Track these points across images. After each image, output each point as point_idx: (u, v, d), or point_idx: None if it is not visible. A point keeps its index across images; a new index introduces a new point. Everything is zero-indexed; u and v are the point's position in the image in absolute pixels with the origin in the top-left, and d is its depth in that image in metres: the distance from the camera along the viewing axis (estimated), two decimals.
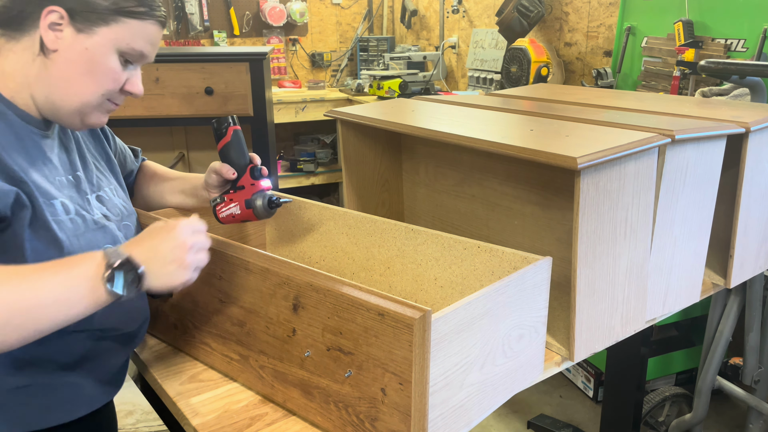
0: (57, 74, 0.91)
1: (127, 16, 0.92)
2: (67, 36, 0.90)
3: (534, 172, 1.27)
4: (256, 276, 0.95)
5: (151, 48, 0.97)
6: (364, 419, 0.85)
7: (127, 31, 0.92)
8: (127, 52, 0.94)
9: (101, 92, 0.93)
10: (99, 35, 0.91)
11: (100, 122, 0.98)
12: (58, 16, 0.89)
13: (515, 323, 0.94)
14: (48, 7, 0.88)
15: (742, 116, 1.26)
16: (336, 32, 4.71)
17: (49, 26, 0.89)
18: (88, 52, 0.91)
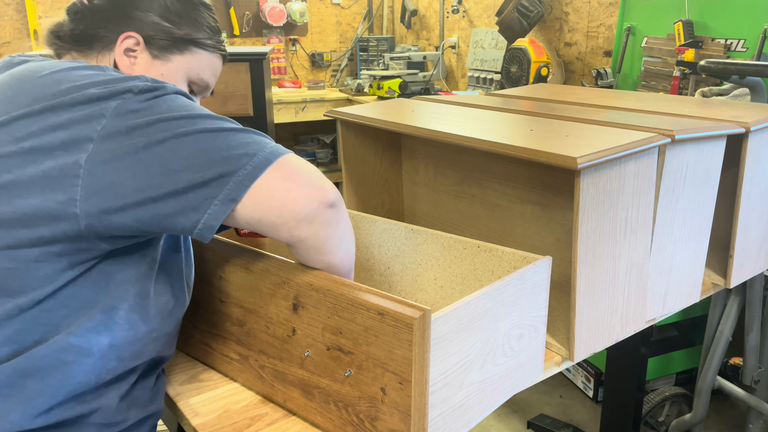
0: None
1: (199, 46, 0.95)
2: (142, 62, 0.91)
3: (534, 172, 1.27)
4: (256, 276, 0.95)
5: (213, 79, 1.00)
6: (364, 419, 0.85)
7: (199, 62, 0.96)
8: (196, 81, 0.97)
9: None
10: (174, 63, 0.93)
11: None
12: (134, 42, 0.90)
13: (515, 323, 0.94)
14: (125, 33, 0.90)
15: (742, 116, 1.26)
16: (336, 32, 4.71)
17: (125, 51, 0.90)
18: (164, 78, 0.92)
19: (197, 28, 0.96)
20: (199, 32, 0.96)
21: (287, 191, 0.77)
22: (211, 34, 0.97)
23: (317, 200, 0.78)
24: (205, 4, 0.98)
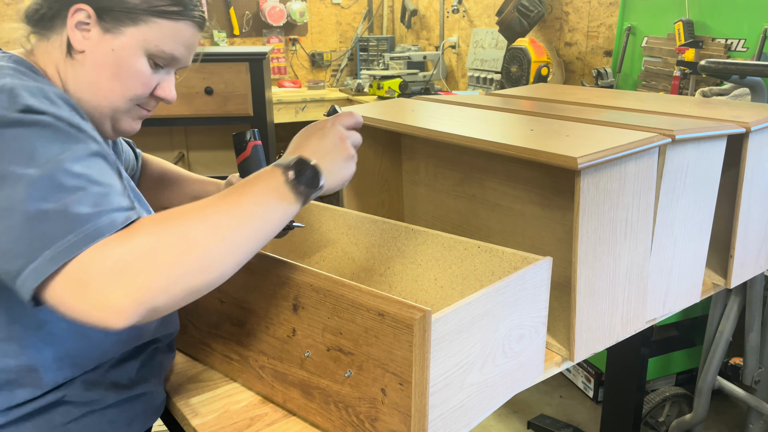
0: (85, 77, 0.86)
1: (158, 15, 0.86)
2: (94, 36, 0.85)
3: (534, 172, 1.27)
4: (256, 276, 0.95)
5: (186, 51, 0.91)
6: (364, 419, 0.85)
7: (157, 32, 0.87)
8: (156, 54, 0.88)
9: (129, 96, 0.88)
10: (126, 36, 0.85)
11: (132, 129, 0.93)
12: (86, 15, 0.84)
13: (515, 323, 0.94)
14: (75, 5, 0.84)
15: (742, 116, 1.26)
16: (336, 32, 4.71)
17: (76, 25, 0.84)
18: (115, 53, 0.85)
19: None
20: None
21: (72, 306, 0.66)
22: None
23: (111, 322, 0.67)
24: None
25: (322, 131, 0.86)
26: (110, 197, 0.71)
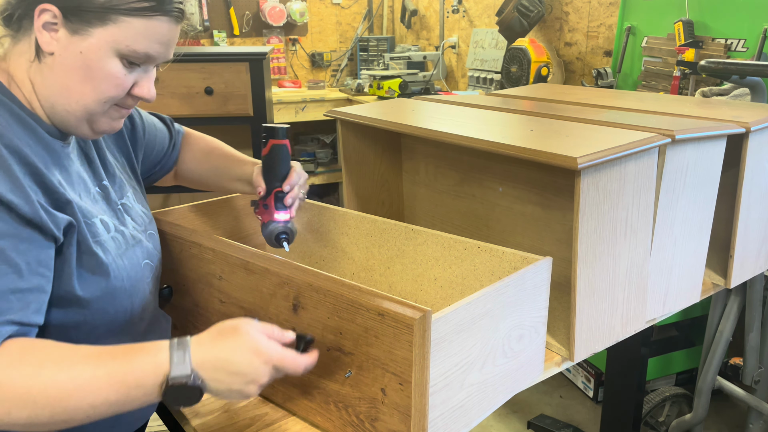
0: (55, 81, 0.82)
1: (128, 14, 0.80)
2: (62, 38, 0.80)
3: (534, 172, 1.27)
4: (256, 276, 0.95)
5: (161, 47, 0.85)
6: (364, 419, 0.85)
7: (128, 31, 0.81)
8: (128, 54, 0.82)
9: (103, 99, 0.84)
10: (94, 37, 0.80)
11: (112, 128, 0.89)
12: (52, 15, 0.79)
13: (515, 323, 0.94)
14: (40, 5, 0.79)
15: (742, 116, 1.26)
16: (336, 32, 4.71)
17: (43, 26, 0.79)
18: (83, 56, 0.80)
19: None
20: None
21: None
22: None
23: None
24: None
25: (253, 365, 0.74)
26: None
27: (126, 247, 0.91)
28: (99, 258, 0.85)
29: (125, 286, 0.89)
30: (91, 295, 0.84)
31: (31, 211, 0.75)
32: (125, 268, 0.89)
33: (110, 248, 0.88)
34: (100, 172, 0.96)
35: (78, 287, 0.82)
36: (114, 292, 0.87)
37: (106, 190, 0.95)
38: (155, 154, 1.15)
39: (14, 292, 0.72)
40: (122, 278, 0.88)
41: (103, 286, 0.85)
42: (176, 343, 0.74)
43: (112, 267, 0.86)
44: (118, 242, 0.90)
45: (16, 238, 0.73)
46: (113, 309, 0.88)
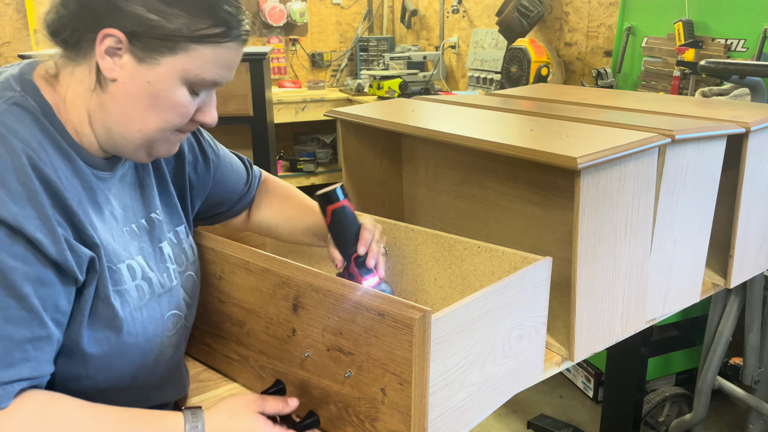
0: (116, 108, 0.77)
1: (199, 41, 0.75)
2: (127, 64, 0.75)
3: (534, 172, 1.27)
4: (256, 276, 0.95)
5: (228, 72, 0.81)
6: (364, 419, 0.85)
7: (197, 60, 0.76)
8: (196, 83, 0.78)
9: (167, 127, 0.80)
10: (163, 66, 0.75)
11: (169, 153, 0.85)
12: (116, 41, 0.74)
13: (515, 323, 0.94)
14: (104, 30, 0.73)
15: (742, 116, 1.26)
16: (336, 32, 4.71)
17: (106, 51, 0.74)
18: (150, 85, 0.76)
19: (197, 16, 0.74)
20: (199, 22, 0.74)
21: None
22: (220, 19, 0.76)
23: None
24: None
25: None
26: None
27: (149, 298, 0.86)
28: (114, 310, 0.79)
29: (138, 342, 0.84)
30: (97, 350, 0.79)
31: (57, 251, 0.71)
32: (142, 322, 0.84)
33: (130, 299, 0.82)
34: (155, 201, 0.92)
35: (85, 339, 0.78)
36: (124, 347, 0.82)
37: (152, 224, 0.90)
38: (225, 195, 1.08)
39: (31, 341, 0.70)
40: (136, 334, 0.83)
41: (113, 341, 0.80)
42: (191, 417, 0.77)
43: (127, 321, 0.81)
44: (141, 292, 0.85)
45: (39, 282, 0.70)
46: (120, 364, 0.83)
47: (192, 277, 0.97)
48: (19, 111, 0.74)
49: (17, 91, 0.75)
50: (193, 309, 0.98)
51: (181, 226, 0.96)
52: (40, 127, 0.75)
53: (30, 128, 0.74)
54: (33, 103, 0.76)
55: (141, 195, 0.90)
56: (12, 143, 0.70)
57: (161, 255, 0.91)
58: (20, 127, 0.72)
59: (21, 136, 0.72)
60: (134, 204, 0.88)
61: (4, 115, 0.72)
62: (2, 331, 0.67)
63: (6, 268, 0.67)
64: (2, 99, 0.74)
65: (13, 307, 0.68)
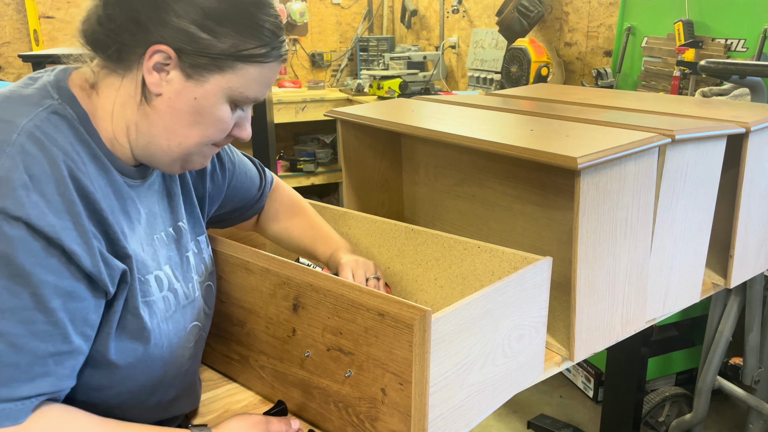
0: (159, 122, 0.78)
1: (246, 61, 0.77)
2: (175, 80, 0.76)
3: (534, 172, 1.27)
4: (256, 276, 0.95)
5: (267, 89, 0.84)
6: (364, 419, 0.85)
7: (243, 78, 0.78)
8: (239, 100, 0.80)
9: (206, 141, 0.81)
10: (211, 84, 0.77)
11: (201, 166, 0.86)
12: (165, 57, 0.74)
13: (515, 323, 0.94)
14: (154, 46, 0.74)
15: (742, 116, 1.26)
16: (336, 32, 4.71)
17: (154, 67, 0.75)
18: (197, 102, 0.77)
19: (244, 35, 0.76)
20: (247, 41, 0.77)
21: None
22: (265, 39, 0.78)
23: None
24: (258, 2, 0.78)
25: None
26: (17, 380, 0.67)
27: (175, 309, 0.86)
28: (142, 321, 0.79)
29: (163, 354, 0.84)
30: (124, 361, 0.79)
31: (92, 263, 0.71)
32: (167, 333, 0.84)
33: (157, 310, 0.82)
34: (180, 210, 0.92)
35: (113, 351, 0.77)
36: (149, 359, 0.82)
37: (179, 233, 0.91)
38: (238, 200, 1.09)
39: (54, 355, 0.69)
40: (162, 345, 0.83)
41: (140, 353, 0.80)
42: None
43: (154, 333, 0.81)
44: (167, 303, 0.85)
45: (69, 296, 0.70)
46: (144, 376, 0.83)
47: (211, 288, 0.97)
48: (58, 119, 0.74)
49: (55, 99, 0.75)
50: (210, 320, 0.98)
51: (202, 235, 0.97)
52: (77, 135, 0.75)
53: (68, 137, 0.73)
54: (71, 111, 0.75)
55: (169, 204, 0.90)
56: (53, 153, 0.70)
57: (188, 265, 0.91)
58: (60, 136, 0.72)
59: (61, 146, 0.72)
60: (162, 212, 0.88)
61: (45, 124, 0.72)
62: (27, 345, 0.67)
63: (38, 282, 0.67)
64: (42, 107, 0.73)
65: (40, 321, 0.68)
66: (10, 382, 0.66)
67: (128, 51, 0.76)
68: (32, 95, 0.75)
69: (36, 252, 0.67)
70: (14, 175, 0.66)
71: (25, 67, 3.88)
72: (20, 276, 0.66)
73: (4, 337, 0.66)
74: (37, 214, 0.66)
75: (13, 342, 0.66)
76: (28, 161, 0.68)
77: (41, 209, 0.67)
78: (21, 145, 0.68)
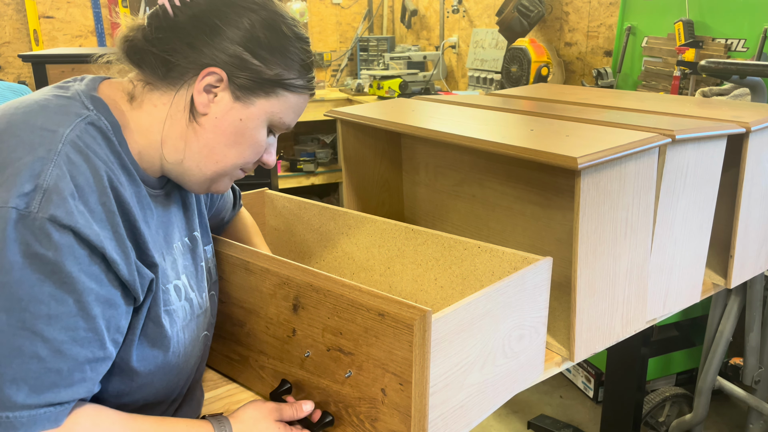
0: (201, 140, 0.81)
1: (287, 89, 0.83)
2: (222, 102, 0.80)
3: (534, 173, 1.27)
4: (256, 276, 0.95)
5: (297, 119, 0.89)
6: (364, 419, 0.85)
7: (284, 104, 0.83)
8: (276, 125, 0.85)
9: (241, 163, 0.84)
10: (256, 107, 0.81)
11: (225, 189, 0.89)
12: (217, 79, 0.78)
13: (515, 323, 0.94)
14: (208, 68, 0.78)
15: (742, 116, 1.26)
16: (336, 32, 4.71)
17: (205, 88, 0.79)
18: (241, 123, 0.81)
19: (289, 66, 0.82)
20: (290, 71, 0.82)
21: None
22: (303, 72, 0.84)
23: None
24: (301, 37, 0.84)
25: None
26: (58, 386, 0.69)
27: (190, 318, 0.88)
28: (164, 329, 0.82)
29: (179, 362, 0.86)
30: (145, 368, 0.81)
31: (128, 272, 0.73)
32: (184, 342, 0.86)
33: (177, 319, 0.85)
34: (195, 220, 0.94)
35: (135, 358, 0.79)
36: (167, 366, 0.84)
37: (194, 242, 0.93)
38: (211, 219, 1.12)
39: (91, 361, 0.71)
40: (179, 353, 0.86)
41: (160, 360, 0.83)
42: (217, 425, 0.82)
43: (174, 341, 0.84)
44: (185, 311, 0.87)
45: (107, 304, 0.72)
46: (160, 384, 0.85)
47: (214, 297, 0.99)
48: (94, 131, 0.75)
49: (91, 109, 0.76)
50: (213, 329, 1.00)
51: (209, 245, 0.98)
52: (110, 146, 0.76)
53: (104, 148, 0.75)
54: (105, 122, 0.77)
55: (184, 214, 0.92)
56: (96, 164, 0.72)
57: (201, 274, 0.93)
58: (98, 147, 0.74)
59: (101, 157, 0.74)
60: (179, 222, 0.90)
61: (84, 135, 0.73)
62: (70, 351, 0.69)
63: (83, 289, 0.69)
64: (79, 118, 0.74)
65: (82, 327, 0.69)
66: (53, 387, 0.68)
67: (179, 71, 0.79)
68: (68, 105, 0.76)
69: (81, 260, 0.68)
70: (63, 185, 0.68)
71: (25, 67, 3.88)
72: (67, 283, 0.68)
73: (49, 343, 0.67)
74: (83, 222, 0.68)
75: (57, 348, 0.68)
76: (73, 171, 0.69)
77: (87, 218, 0.69)
78: (66, 154, 0.70)
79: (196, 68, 0.78)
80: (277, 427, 0.85)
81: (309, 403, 0.89)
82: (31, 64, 2.65)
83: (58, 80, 0.85)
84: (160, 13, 0.80)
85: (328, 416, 0.89)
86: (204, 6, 0.79)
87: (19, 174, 0.67)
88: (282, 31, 0.82)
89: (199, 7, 0.79)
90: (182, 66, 0.79)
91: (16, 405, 0.66)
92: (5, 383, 0.66)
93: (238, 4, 0.80)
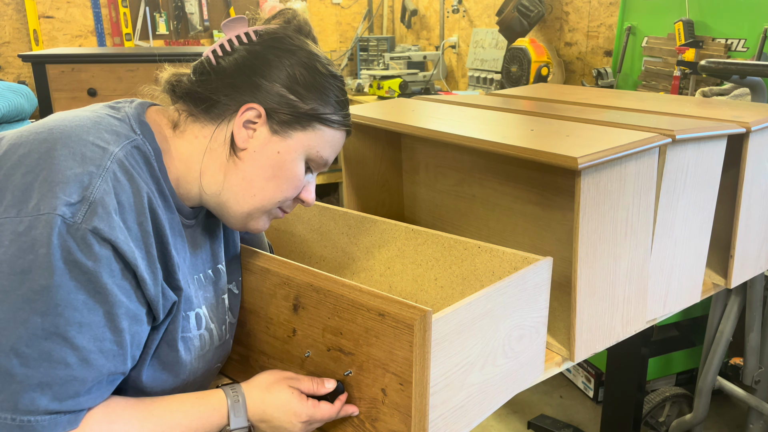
0: (240, 173, 0.83)
1: (323, 123, 0.85)
2: (261, 136, 0.83)
3: (534, 172, 1.27)
4: (256, 276, 0.95)
5: (335, 155, 0.91)
6: (364, 419, 0.85)
7: (320, 139, 0.86)
8: (314, 159, 0.87)
9: (279, 198, 0.86)
10: (294, 140, 0.84)
11: (263, 228, 0.90)
12: (256, 114, 0.82)
13: (516, 323, 0.94)
14: (248, 104, 0.82)
15: (742, 116, 1.26)
16: (336, 32, 4.71)
17: (244, 124, 0.82)
18: (279, 156, 0.83)
19: (324, 102, 0.85)
20: (326, 107, 0.85)
21: None
22: (338, 108, 0.87)
23: None
24: (335, 75, 0.88)
25: (288, 419, 0.84)
26: (80, 394, 0.70)
27: (208, 348, 0.90)
28: (178, 355, 0.83)
29: (187, 390, 0.87)
30: (153, 390, 0.82)
31: (155, 292, 0.76)
32: (197, 371, 0.88)
33: (192, 348, 0.86)
34: (221, 253, 0.95)
35: (145, 377, 0.81)
36: (176, 391, 0.85)
37: (217, 275, 0.94)
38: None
39: (112, 374, 0.73)
40: (189, 382, 0.87)
41: (169, 384, 0.84)
42: (231, 392, 0.83)
43: (187, 368, 0.85)
44: (203, 341, 0.88)
45: (134, 320, 0.74)
46: None
47: (233, 326, 0.99)
48: (138, 154, 0.78)
49: (138, 134, 0.79)
50: (225, 361, 1.00)
51: (234, 283, 0.99)
52: (151, 172, 0.79)
53: (145, 173, 0.78)
54: (149, 147, 0.79)
55: (211, 246, 0.93)
56: (139, 185, 0.75)
57: (222, 307, 0.94)
58: (140, 170, 0.77)
59: (144, 179, 0.77)
60: (204, 254, 0.92)
61: (129, 157, 0.76)
62: (96, 361, 0.71)
63: (114, 301, 0.71)
64: (127, 140, 0.77)
65: (109, 339, 0.71)
66: (76, 395, 0.70)
67: (220, 108, 0.83)
68: (119, 126, 0.78)
69: (116, 273, 0.71)
70: (108, 200, 0.70)
71: (24, 67, 3.88)
72: (100, 293, 0.70)
73: (78, 351, 0.69)
74: (123, 238, 0.71)
75: (85, 357, 0.70)
76: (118, 188, 0.72)
77: (125, 235, 0.72)
78: (114, 172, 0.73)
79: (237, 105, 0.82)
80: (290, 392, 0.85)
81: (331, 381, 0.87)
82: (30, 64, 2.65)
83: (58, 80, 0.87)
84: (204, 62, 0.85)
85: (341, 388, 0.88)
86: (245, 52, 0.84)
87: (68, 184, 0.69)
88: (317, 69, 0.86)
89: (241, 53, 0.84)
90: (224, 103, 0.83)
91: (38, 410, 0.68)
92: (31, 386, 0.67)
93: (277, 48, 0.84)
